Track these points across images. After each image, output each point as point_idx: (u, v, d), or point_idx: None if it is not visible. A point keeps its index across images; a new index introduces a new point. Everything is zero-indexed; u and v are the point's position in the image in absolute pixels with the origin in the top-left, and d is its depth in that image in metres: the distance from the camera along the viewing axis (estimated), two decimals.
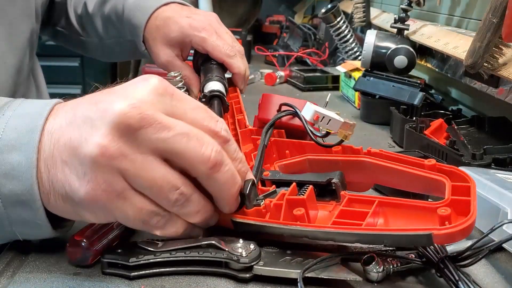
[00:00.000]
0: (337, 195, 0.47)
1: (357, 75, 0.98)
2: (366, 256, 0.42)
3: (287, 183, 0.49)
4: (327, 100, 0.82)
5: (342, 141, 0.52)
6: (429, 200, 0.49)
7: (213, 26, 0.75)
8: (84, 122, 0.38)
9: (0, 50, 0.67)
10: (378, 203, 0.43)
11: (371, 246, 0.46)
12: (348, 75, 1.04)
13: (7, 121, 0.39)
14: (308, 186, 0.47)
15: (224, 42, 0.73)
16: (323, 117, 0.49)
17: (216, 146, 0.40)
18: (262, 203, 0.45)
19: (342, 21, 1.23)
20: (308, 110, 0.50)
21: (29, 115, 0.40)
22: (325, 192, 0.48)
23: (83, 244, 0.42)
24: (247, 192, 0.44)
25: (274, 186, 0.49)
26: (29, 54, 0.75)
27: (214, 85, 0.67)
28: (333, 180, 0.47)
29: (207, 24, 0.74)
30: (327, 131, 0.51)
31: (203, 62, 0.76)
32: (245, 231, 0.45)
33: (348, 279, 0.40)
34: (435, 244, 0.42)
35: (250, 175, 0.45)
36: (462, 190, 0.42)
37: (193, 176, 0.40)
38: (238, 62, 0.73)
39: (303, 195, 0.45)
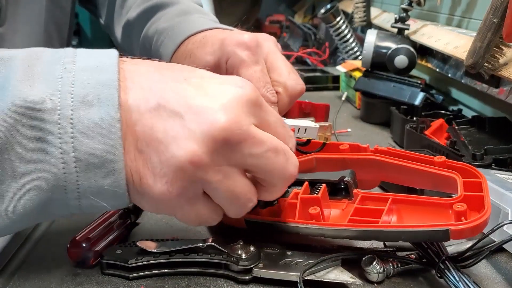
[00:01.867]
0: (349, 193, 0.48)
1: (357, 75, 0.98)
2: (366, 256, 0.42)
3: (298, 182, 0.49)
4: (343, 99, 0.94)
5: (324, 144, 0.53)
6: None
7: (264, 49, 0.54)
8: (172, 117, 0.35)
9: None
10: (392, 200, 0.44)
11: (371, 246, 0.46)
12: (349, 75, 1.04)
13: (74, 75, 0.35)
14: (321, 185, 0.47)
15: (267, 81, 0.53)
16: (299, 128, 0.51)
17: (296, 161, 0.40)
18: (275, 202, 0.46)
19: (341, 21, 1.23)
20: None
21: (97, 68, 0.36)
22: (336, 190, 0.48)
23: (84, 245, 0.42)
24: None
25: None
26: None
27: None
28: (346, 179, 0.48)
29: (254, 43, 0.53)
30: (307, 139, 0.53)
31: None
32: (258, 231, 0.46)
33: (348, 282, 0.40)
34: (436, 245, 0.42)
35: None
36: (474, 186, 0.43)
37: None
38: None
39: (317, 193, 0.46)
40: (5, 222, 0.35)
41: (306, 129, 0.51)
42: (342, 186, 0.48)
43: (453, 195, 0.46)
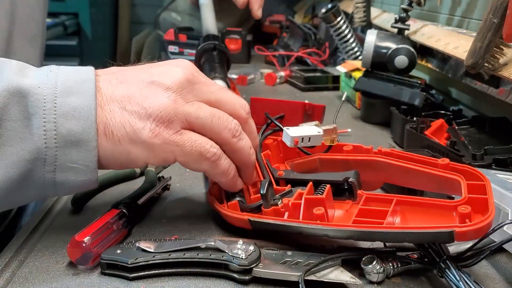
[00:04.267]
0: (353, 194, 0.48)
1: (357, 75, 0.98)
2: (366, 256, 0.42)
3: (301, 182, 0.49)
4: (343, 99, 0.93)
5: (331, 146, 0.53)
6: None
7: None
8: (142, 83, 0.45)
9: None
10: (396, 201, 0.44)
11: (371, 246, 0.46)
12: (349, 75, 1.04)
13: (57, 74, 0.43)
14: (325, 185, 0.47)
15: None
16: (302, 138, 0.51)
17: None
18: (279, 202, 0.46)
19: (342, 21, 1.23)
20: (287, 138, 0.52)
21: (76, 71, 0.44)
22: (340, 191, 0.49)
23: (84, 245, 0.42)
24: (264, 191, 0.45)
25: (289, 185, 0.49)
26: (10, 38, 0.66)
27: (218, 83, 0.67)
28: (350, 179, 0.48)
29: None
30: (312, 146, 0.53)
31: (206, 60, 0.75)
32: (262, 231, 0.46)
33: (348, 282, 0.40)
34: (437, 244, 0.42)
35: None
36: (478, 189, 0.43)
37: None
38: None
39: (321, 194, 0.46)
40: None
41: (310, 137, 0.52)
42: (346, 187, 0.48)
43: (453, 197, 0.46)
